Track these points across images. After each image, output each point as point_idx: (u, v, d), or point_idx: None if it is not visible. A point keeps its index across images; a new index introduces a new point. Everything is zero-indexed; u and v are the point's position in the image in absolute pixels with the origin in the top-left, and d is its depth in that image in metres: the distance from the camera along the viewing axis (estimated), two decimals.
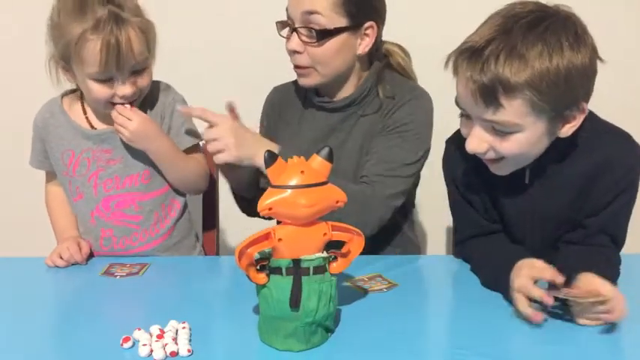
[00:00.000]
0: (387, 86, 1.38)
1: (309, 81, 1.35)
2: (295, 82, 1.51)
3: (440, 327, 1.03)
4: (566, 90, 1.00)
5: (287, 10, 1.33)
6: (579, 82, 1.01)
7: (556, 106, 1.01)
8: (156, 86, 1.37)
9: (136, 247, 1.36)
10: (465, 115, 1.08)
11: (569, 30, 1.01)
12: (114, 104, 1.27)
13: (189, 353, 0.90)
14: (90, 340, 0.98)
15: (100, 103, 1.28)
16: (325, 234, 0.91)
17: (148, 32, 1.26)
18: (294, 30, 1.30)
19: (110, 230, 1.36)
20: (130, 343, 0.93)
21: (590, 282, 0.98)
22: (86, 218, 1.37)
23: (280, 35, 1.35)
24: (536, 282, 1.00)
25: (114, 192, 1.34)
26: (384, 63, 1.42)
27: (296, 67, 1.35)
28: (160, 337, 0.93)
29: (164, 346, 0.90)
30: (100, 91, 1.25)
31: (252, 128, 1.32)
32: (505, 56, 0.98)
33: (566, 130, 1.06)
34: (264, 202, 0.88)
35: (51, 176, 1.43)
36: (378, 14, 1.34)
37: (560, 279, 0.99)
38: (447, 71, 1.08)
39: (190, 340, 0.93)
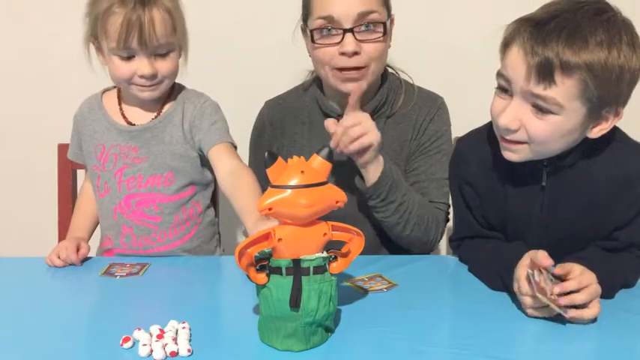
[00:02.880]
0: (407, 91, 1.43)
1: (362, 84, 1.30)
2: (292, 95, 1.49)
3: (440, 327, 1.03)
4: (615, 85, 1.00)
5: (325, 15, 1.28)
6: (627, 82, 1.01)
7: (600, 99, 1.01)
8: (190, 92, 1.40)
9: (155, 247, 1.36)
10: (504, 89, 1.07)
11: (627, 30, 1.02)
12: (137, 85, 1.29)
13: (189, 353, 0.90)
14: (90, 340, 0.98)
15: (120, 81, 1.30)
16: (325, 234, 0.91)
17: (175, 18, 1.27)
18: (347, 32, 1.27)
19: (130, 228, 1.36)
20: (130, 343, 0.92)
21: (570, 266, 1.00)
22: (110, 214, 1.38)
23: (317, 43, 1.30)
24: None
25: (135, 190, 1.35)
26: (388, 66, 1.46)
27: (350, 69, 1.30)
28: (160, 337, 0.92)
29: (164, 346, 0.90)
30: (121, 68, 1.27)
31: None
32: (568, 34, 0.98)
33: (596, 132, 1.06)
34: (264, 202, 0.88)
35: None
36: None
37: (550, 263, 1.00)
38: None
39: (190, 340, 0.93)
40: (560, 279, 1.00)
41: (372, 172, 1.27)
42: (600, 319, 1.00)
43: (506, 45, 1.06)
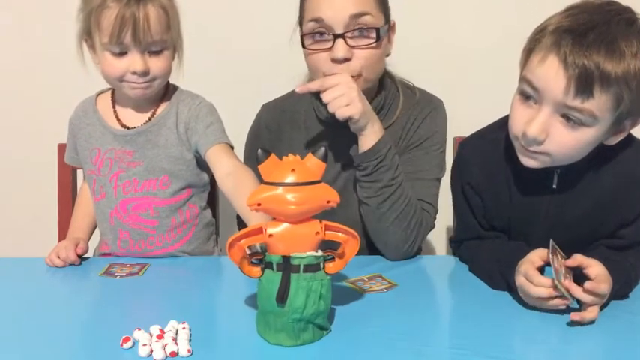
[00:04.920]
0: (407, 98, 1.39)
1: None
2: (287, 100, 1.46)
3: (440, 327, 1.03)
4: None
5: (315, 17, 1.24)
6: None
7: (629, 110, 1.01)
8: (185, 94, 1.38)
9: (153, 251, 1.35)
10: (528, 97, 1.04)
11: None
12: (128, 82, 1.27)
13: (189, 353, 0.90)
14: (90, 340, 0.98)
15: (112, 78, 1.28)
16: (318, 233, 0.92)
17: (170, 16, 1.26)
18: (337, 37, 1.22)
19: (127, 233, 1.35)
20: (130, 343, 0.92)
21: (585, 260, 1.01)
22: (106, 218, 1.37)
23: (308, 48, 1.27)
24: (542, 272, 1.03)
25: (131, 195, 1.34)
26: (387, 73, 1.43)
27: None
28: (160, 337, 0.93)
29: (164, 346, 0.90)
30: (113, 64, 1.25)
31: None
32: (607, 46, 0.96)
33: (613, 140, 1.07)
34: (254, 198, 0.89)
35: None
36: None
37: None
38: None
39: (190, 340, 0.93)
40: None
41: (365, 142, 1.24)
42: (602, 320, 1.00)
43: (532, 52, 1.03)
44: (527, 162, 1.09)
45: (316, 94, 1.38)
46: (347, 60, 1.24)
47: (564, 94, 0.98)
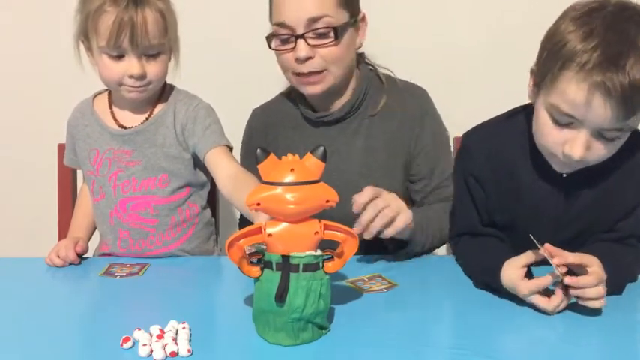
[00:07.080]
0: (390, 86, 1.41)
1: (321, 87, 1.32)
2: (277, 102, 1.49)
3: (440, 327, 1.03)
4: None
5: (279, 21, 1.29)
6: None
7: None
8: (182, 94, 1.38)
9: (153, 250, 1.35)
10: (562, 125, 1.02)
11: None
12: (126, 86, 1.27)
13: (189, 353, 0.90)
14: (90, 340, 0.98)
15: (109, 81, 1.29)
16: (317, 232, 0.92)
17: (167, 20, 1.26)
18: (298, 38, 1.28)
19: (127, 232, 1.35)
20: (130, 343, 0.93)
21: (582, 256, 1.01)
22: (106, 219, 1.37)
23: (273, 49, 1.33)
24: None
25: (130, 194, 1.34)
26: (366, 63, 1.45)
27: (306, 74, 1.31)
28: (160, 337, 0.93)
29: (164, 346, 0.90)
30: (110, 67, 1.26)
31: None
32: (635, 59, 0.94)
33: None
34: (253, 198, 0.89)
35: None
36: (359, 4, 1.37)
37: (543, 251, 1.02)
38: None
39: (190, 340, 0.93)
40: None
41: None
42: (601, 318, 1.00)
43: (558, 79, 0.99)
44: (563, 168, 1.09)
45: (299, 96, 1.42)
46: (309, 58, 1.29)
47: (601, 117, 0.97)
